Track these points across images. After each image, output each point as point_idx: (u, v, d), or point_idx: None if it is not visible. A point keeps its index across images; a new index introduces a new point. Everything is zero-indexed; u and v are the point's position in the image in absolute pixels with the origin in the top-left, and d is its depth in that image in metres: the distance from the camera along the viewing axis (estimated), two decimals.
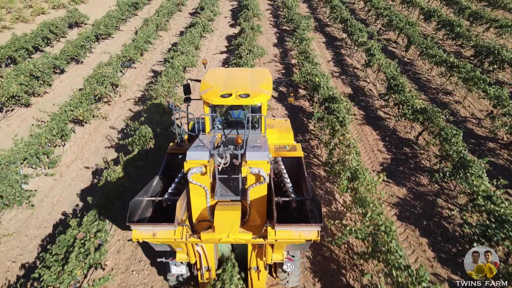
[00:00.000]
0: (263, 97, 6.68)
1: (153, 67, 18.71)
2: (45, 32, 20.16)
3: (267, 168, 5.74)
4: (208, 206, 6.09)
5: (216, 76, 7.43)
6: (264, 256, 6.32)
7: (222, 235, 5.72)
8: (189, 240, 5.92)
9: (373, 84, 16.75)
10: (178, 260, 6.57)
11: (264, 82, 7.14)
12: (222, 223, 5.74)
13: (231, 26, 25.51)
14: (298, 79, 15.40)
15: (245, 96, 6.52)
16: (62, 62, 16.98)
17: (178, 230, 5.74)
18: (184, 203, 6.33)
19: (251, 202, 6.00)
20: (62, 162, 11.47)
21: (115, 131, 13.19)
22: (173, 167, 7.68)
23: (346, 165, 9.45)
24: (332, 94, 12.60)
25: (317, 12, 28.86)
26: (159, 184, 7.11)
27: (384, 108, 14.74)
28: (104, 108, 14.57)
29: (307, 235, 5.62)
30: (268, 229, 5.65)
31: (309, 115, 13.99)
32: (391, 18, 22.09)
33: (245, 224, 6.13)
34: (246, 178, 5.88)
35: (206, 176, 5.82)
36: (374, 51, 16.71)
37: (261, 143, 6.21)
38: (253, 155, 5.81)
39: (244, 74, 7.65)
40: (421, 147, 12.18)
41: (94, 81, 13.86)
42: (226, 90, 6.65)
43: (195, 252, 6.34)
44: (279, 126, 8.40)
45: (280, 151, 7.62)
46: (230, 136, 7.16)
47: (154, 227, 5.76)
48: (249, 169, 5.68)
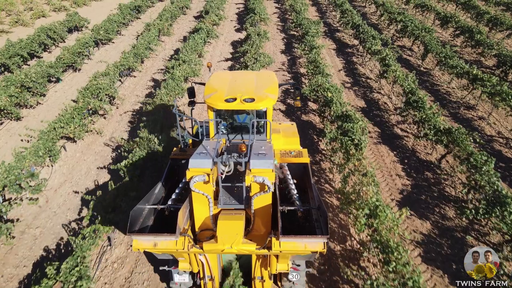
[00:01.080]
0: (268, 101, 6.50)
1: (154, 76, 17.72)
2: (42, 37, 19.28)
3: (272, 176, 5.58)
4: (211, 214, 5.97)
5: (221, 79, 7.28)
6: (269, 266, 6.17)
7: (225, 246, 5.52)
8: (191, 251, 5.77)
9: (388, 97, 15.57)
10: (181, 269, 6.45)
11: (269, 86, 6.95)
12: (225, 233, 5.56)
13: (237, 30, 24.45)
14: (308, 92, 14.29)
15: (250, 100, 6.37)
16: (58, 71, 16.05)
17: (180, 240, 5.62)
18: (186, 212, 6.17)
19: (255, 211, 5.88)
20: (50, 185, 10.49)
21: (109, 148, 12.19)
22: (177, 172, 7.44)
23: (363, 198, 8.34)
24: (345, 112, 11.47)
25: (326, 16, 27.69)
26: (161, 190, 6.91)
27: (401, 125, 13.56)
28: (99, 122, 13.59)
29: (313, 247, 5.45)
30: (273, 240, 5.47)
31: (320, 132, 12.88)
32: (406, 23, 20.84)
33: (249, 234, 6.00)
34: (250, 187, 5.72)
35: (209, 185, 5.66)
36: (389, 61, 15.53)
37: (266, 150, 6.06)
38: (257, 163, 5.64)
39: (249, 77, 7.43)
40: (444, 172, 11.00)
41: (88, 93, 12.88)
42: (230, 94, 6.50)
43: (198, 261, 6.22)
44: (285, 131, 8.17)
45: (286, 157, 7.40)
46: (235, 141, 6.99)
47: (155, 237, 5.58)
48: (253, 177, 5.53)
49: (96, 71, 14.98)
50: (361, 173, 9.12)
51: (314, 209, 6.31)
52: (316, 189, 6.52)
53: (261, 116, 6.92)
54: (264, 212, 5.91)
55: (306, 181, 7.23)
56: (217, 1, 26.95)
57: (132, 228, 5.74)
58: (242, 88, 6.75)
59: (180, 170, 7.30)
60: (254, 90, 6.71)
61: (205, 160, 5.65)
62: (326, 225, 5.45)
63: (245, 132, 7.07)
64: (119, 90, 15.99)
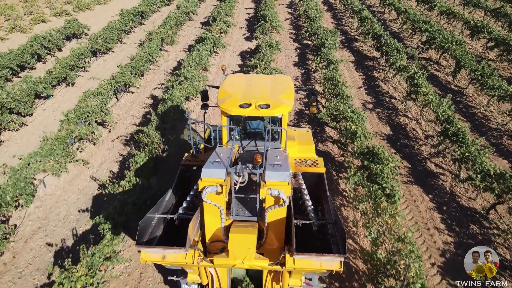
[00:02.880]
0: (284, 108, 6.29)
1: (153, 92, 16.06)
2: (35, 47, 17.78)
3: (287, 190, 5.34)
4: (222, 226, 5.75)
5: (235, 83, 7.07)
6: (281, 281, 5.90)
7: (236, 261, 5.34)
8: (201, 264, 5.57)
9: (417, 121, 13.63)
10: (190, 281, 6.25)
11: (285, 91, 6.74)
12: (237, 248, 5.35)
13: (247, 39, 22.69)
14: (325, 116, 12.47)
15: (265, 106, 6.19)
16: (47, 87, 14.50)
17: (189, 254, 5.43)
18: (197, 222, 6.02)
19: (269, 224, 5.67)
20: (20, 234, 8.87)
21: (95, 185, 10.53)
22: (188, 178, 7.30)
23: (401, 274, 6.53)
24: (372, 149, 9.62)
25: (342, 24, 25.75)
26: (171, 198, 6.70)
27: (434, 158, 11.63)
28: (87, 149, 11.97)
29: (329, 266, 5.17)
30: (287, 257, 5.22)
31: (340, 166, 11.05)
32: (433, 34, 18.78)
33: (261, 247, 5.78)
34: (265, 200, 5.51)
35: (221, 195, 5.45)
36: (418, 80, 13.60)
37: (281, 161, 5.85)
38: (273, 175, 5.41)
39: (264, 82, 7.22)
40: (495, 225, 9.07)
41: (74, 118, 11.26)
42: (245, 100, 6.32)
43: (208, 273, 6.04)
44: (299, 138, 7.89)
45: (301, 166, 7.15)
46: (248, 148, 6.76)
47: (164, 249, 5.37)
48: (268, 190, 5.29)
49: (88, 89, 13.38)
50: (396, 236, 7.29)
51: (330, 223, 6.03)
52: (332, 202, 6.25)
53: (276, 122, 6.61)
54: (278, 226, 5.68)
55: (321, 192, 6.92)
56: (226, 7, 25.24)
57: (141, 239, 5.52)
58: (257, 93, 6.53)
59: (192, 177, 7.20)
60: (270, 95, 6.49)
61: (218, 170, 5.46)
62: (343, 243, 5.22)
63: (259, 139, 6.84)
64: (113, 109, 14.39)
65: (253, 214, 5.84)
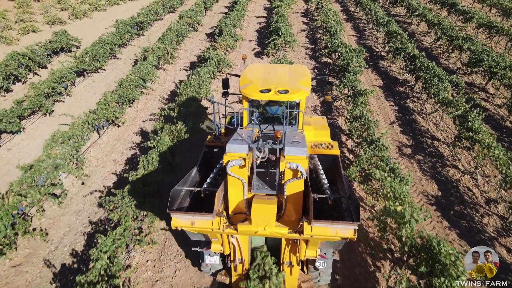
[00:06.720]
0: (302, 93, 6.57)
1: (143, 125, 13.42)
2: (11, 67, 15.32)
3: (305, 163, 5.71)
4: (244, 198, 6.07)
5: (255, 71, 7.42)
6: (298, 252, 6.27)
7: (258, 228, 5.66)
8: (226, 231, 5.88)
9: (471, 176, 10.69)
10: (212, 251, 6.59)
11: (303, 79, 7.03)
12: (259, 216, 5.71)
13: (257, 54, 19.94)
14: (354, 174, 9.62)
15: (284, 92, 6.45)
16: (14, 121, 11.98)
17: (216, 220, 5.75)
18: (221, 195, 6.25)
19: (288, 197, 5.97)
20: None
21: (50, 274, 7.88)
22: (210, 159, 7.71)
23: None
24: (426, 242, 6.70)
25: (365, 36, 22.81)
26: (196, 175, 7.07)
27: (505, 238, 8.70)
28: (49, 212, 9.38)
29: (344, 233, 5.44)
30: (305, 225, 5.52)
31: (374, 274, 8.21)
32: (479, 56, 15.69)
33: (281, 219, 6.05)
34: (284, 173, 5.84)
35: (244, 169, 5.84)
36: (473, 124, 10.65)
37: (299, 139, 6.23)
38: (291, 150, 5.77)
39: (283, 70, 7.58)
40: None
41: (29, 179, 8.66)
42: (265, 86, 6.61)
43: (230, 244, 6.34)
44: (315, 123, 8.35)
45: (317, 148, 7.54)
46: (266, 131, 7.01)
47: (193, 216, 5.77)
48: (287, 164, 5.66)
49: (58, 130, 10.81)
50: None
51: (344, 198, 6.29)
52: (346, 180, 6.52)
53: (293, 107, 6.88)
54: (296, 199, 5.97)
55: (335, 173, 7.33)
56: (234, 16, 22.52)
57: (172, 207, 5.87)
58: (276, 80, 6.85)
59: (214, 157, 7.64)
60: (288, 82, 6.79)
61: (241, 146, 5.83)
62: (357, 213, 5.45)
63: (277, 123, 7.22)
64: (92, 150, 11.81)
65: (272, 189, 6.21)
